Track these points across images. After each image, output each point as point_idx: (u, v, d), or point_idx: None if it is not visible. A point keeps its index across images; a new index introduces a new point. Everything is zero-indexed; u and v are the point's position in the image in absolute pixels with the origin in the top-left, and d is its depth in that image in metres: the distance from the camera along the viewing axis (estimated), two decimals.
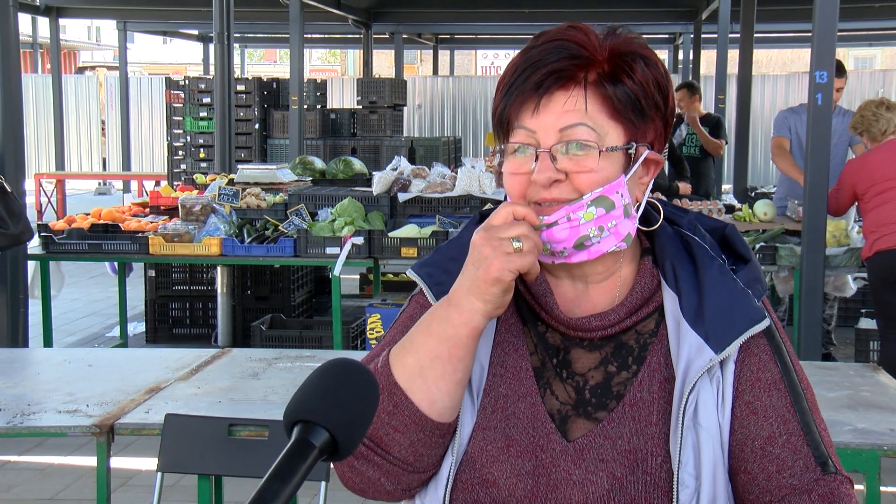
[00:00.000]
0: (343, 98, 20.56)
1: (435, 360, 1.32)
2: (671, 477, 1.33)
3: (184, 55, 35.98)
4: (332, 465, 1.41)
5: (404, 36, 18.95)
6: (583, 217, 1.33)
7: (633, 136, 1.37)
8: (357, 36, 17.93)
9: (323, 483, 2.63)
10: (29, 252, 6.41)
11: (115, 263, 7.21)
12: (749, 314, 1.36)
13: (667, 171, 8.12)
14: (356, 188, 7.48)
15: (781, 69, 29.18)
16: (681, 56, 19.56)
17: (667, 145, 1.49)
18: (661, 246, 1.42)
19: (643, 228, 1.41)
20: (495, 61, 37.34)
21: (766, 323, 1.37)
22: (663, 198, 1.49)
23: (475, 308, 1.30)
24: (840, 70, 6.51)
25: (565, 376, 1.41)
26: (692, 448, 1.33)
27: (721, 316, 1.35)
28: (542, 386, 1.41)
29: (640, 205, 1.39)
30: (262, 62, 40.73)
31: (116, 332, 7.63)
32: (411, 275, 1.46)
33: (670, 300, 1.39)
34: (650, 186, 1.41)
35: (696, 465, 1.33)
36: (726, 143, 9.38)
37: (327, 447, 1.04)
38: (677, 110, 9.41)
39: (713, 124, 9.03)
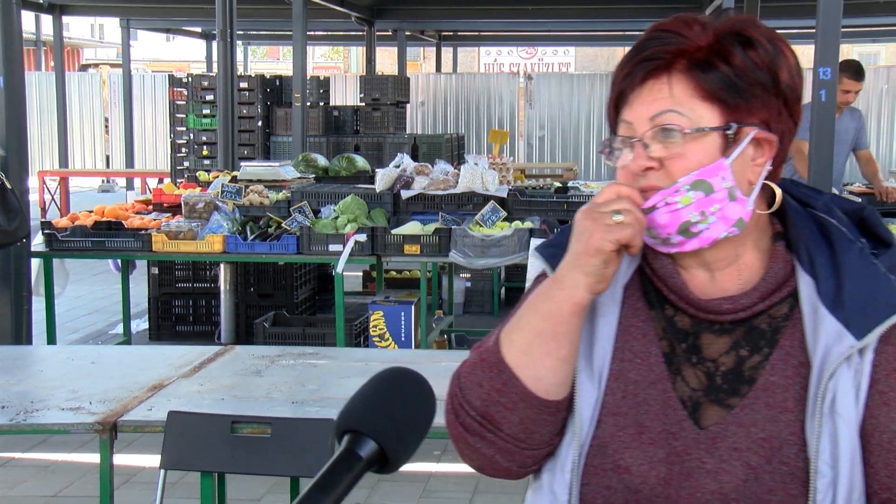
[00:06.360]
0: (346, 95, 20.53)
1: (539, 336, 1.33)
2: (807, 466, 1.29)
3: (187, 52, 35.99)
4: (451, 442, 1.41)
5: (407, 33, 18.92)
6: (680, 201, 1.31)
7: (733, 118, 1.32)
8: (360, 33, 17.92)
9: None
10: (32, 250, 6.42)
11: (119, 261, 7.21)
12: (892, 301, 1.30)
13: None
14: (359, 185, 7.48)
15: None
16: None
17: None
18: (794, 229, 1.38)
19: (761, 212, 1.37)
20: (498, 58, 37.28)
21: None
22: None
23: (577, 282, 1.31)
24: (859, 73, 6.51)
25: (695, 361, 1.38)
26: (829, 437, 1.28)
27: (862, 302, 1.29)
28: (673, 371, 1.38)
29: (754, 188, 1.35)
30: (266, 59, 40.69)
31: (120, 329, 7.64)
32: (535, 255, 1.45)
33: (806, 285, 1.34)
34: (767, 168, 1.36)
35: (832, 454, 1.28)
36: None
37: (375, 459, 1.01)
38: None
39: None
